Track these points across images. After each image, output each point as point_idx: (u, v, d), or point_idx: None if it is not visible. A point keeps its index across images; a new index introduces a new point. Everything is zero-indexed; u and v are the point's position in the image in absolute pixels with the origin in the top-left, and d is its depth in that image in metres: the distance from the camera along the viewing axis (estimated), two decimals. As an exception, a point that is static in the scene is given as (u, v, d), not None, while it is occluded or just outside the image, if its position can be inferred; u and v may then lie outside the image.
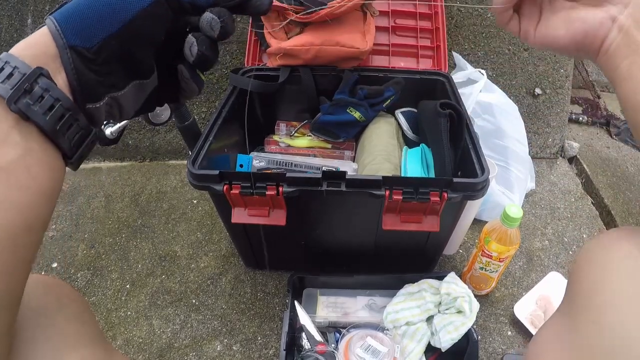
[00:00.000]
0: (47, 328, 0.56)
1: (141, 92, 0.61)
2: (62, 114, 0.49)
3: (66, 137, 0.50)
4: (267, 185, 1.02)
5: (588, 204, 1.75)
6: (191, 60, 0.61)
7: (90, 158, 1.96)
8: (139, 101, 0.62)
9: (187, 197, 1.73)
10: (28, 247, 0.47)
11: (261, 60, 1.53)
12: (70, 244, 1.57)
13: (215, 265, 1.48)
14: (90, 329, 0.63)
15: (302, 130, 1.51)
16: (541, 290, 1.37)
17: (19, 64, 0.47)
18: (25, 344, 0.53)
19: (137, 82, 0.58)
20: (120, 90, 0.56)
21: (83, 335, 0.60)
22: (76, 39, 0.50)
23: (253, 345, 1.27)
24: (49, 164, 0.49)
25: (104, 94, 0.54)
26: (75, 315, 0.61)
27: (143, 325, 1.32)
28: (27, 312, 0.55)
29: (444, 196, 1.01)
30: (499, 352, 1.26)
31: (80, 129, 0.52)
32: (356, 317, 1.25)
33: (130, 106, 0.61)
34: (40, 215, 0.48)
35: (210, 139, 1.16)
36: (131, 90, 0.58)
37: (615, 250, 0.59)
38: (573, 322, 0.61)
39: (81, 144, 0.53)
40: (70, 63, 0.50)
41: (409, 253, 1.27)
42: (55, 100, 0.48)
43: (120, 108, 0.59)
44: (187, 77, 0.64)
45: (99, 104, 0.54)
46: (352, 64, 1.42)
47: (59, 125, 0.49)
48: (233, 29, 0.62)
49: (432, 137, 1.27)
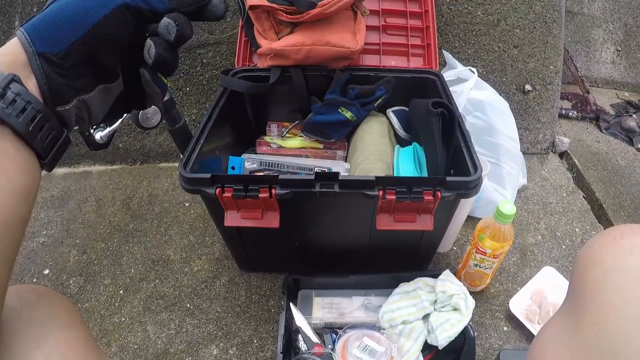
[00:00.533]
0: (38, 338, 0.56)
1: (108, 96, 0.64)
2: (34, 115, 0.51)
3: (39, 138, 0.52)
4: (260, 187, 1.02)
5: (580, 198, 1.76)
6: (150, 62, 0.64)
7: (80, 162, 1.95)
8: (106, 105, 0.65)
9: (179, 199, 1.73)
10: (8, 245, 0.48)
11: (252, 61, 1.52)
12: (62, 250, 1.56)
13: (209, 268, 1.47)
14: (82, 338, 0.62)
15: (293, 131, 1.50)
16: (536, 285, 1.37)
17: None
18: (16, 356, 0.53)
19: (103, 85, 0.61)
20: (88, 93, 0.59)
21: (75, 345, 0.60)
22: (44, 46, 0.53)
23: (249, 349, 1.26)
24: (24, 165, 0.51)
25: (73, 96, 0.57)
26: (67, 324, 0.61)
27: (138, 331, 1.31)
28: (18, 323, 0.55)
29: (438, 195, 1.01)
30: (496, 347, 1.26)
31: (52, 129, 0.54)
32: (352, 317, 1.25)
33: (99, 109, 0.64)
34: (18, 214, 0.49)
35: (202, 142, 1.15)
36: (98, 93, 0.61)
37: (616, 249, 0.59)
38: (575, 323, 0.61)
39: (54, 145, 0.55)
40: (39, 69, 0.53)
41: (404, 252, 1.27)
42: (27, 103, 0.50)
43: (88, 111, 0.61)
44: (147, 80, 0.67)
45: (68, 106, 0.57)
46: (343, 64, 1.42)
47: (31, 126, 0.51)
48: (190, 33, 0.66)
49: (424, 136, 1.27)
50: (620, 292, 0.55)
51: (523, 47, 1.88)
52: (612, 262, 0.58)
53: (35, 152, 0.53)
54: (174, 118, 1.18)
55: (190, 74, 1.83)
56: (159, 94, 0.70)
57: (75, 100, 0.58)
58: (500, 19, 1.86)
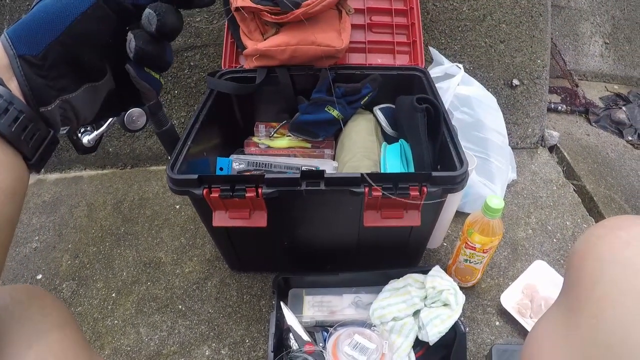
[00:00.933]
0: (30, 338, 0.56)
1: (95, 95, 0.63)
2: (17, 116, 0.51)
3: (23, 138, 0.52)
4: (247, 187, 1.02)
5: (570, 192, 1.76)
6: (131, 56, 0.63)
7: (71, 167, 1.95)
8: (94, 104, 0.65)
9: (170, 202, 1.73)
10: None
11: (238, 63, 1.52)
12: (54, 254, 1.56)
13: (200, 269, 1.47)
14: (74, 338, 0.62)
15: (281, 131, 1.51)
16: (527, 279, 1.38)
17: None
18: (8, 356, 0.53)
19: (89, 85, 0.61)
20: (71, 93, 0.59)
21: (67, 345, 0.60)
22: (24, 48, 0.54)
23: (241, 348, 1.27)
24: (10, 165, 0.51)
25: (55, 97, 0.57)
26: (59, 325, 0.61)
27: (130, 334, 1.31)
28: (10, 322, 0.55)
29: (424, 190, 1.01)
30: (488, 342, 1.27)
31: (36, 130, 0.54)
32: (343, 315, 1.25)
33: (87, 109, 0.63)
34: (4, 214, 0.49)
35: (189, 143, 1.16)
36: (84, 93, 0.61)
37: (613, 241, 0.58)
38: (571, 317, 0.61)
39: (40, 145, 0.55)
40: (20, 70, 0.53)
41: (393, 249, 1.27)
42: (9, 104, 0.51)
43: (74, 111, 0.61)
44: (133, 76, 0.66)
45: (50, 107, 0.56)
46: (328, 63, 1.42)
47: (14, 127, 0.51)
48: (174, 23, 0.64)
49: (410, 132, 1.27)
50: (617, 285, 0.54)
51: (510, 42, 1.89)
52: (609, 254, 0.57)
53: (20, 153, 0.53)
54: (160, 121, 1.18)
55: (178, 77, 1.83)
56: (149, 90, 0.69)
57: (58, 100, 0.58)
58: (486, 14, 1.86)
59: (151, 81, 0.69)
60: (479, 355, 1.24)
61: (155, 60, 0.66)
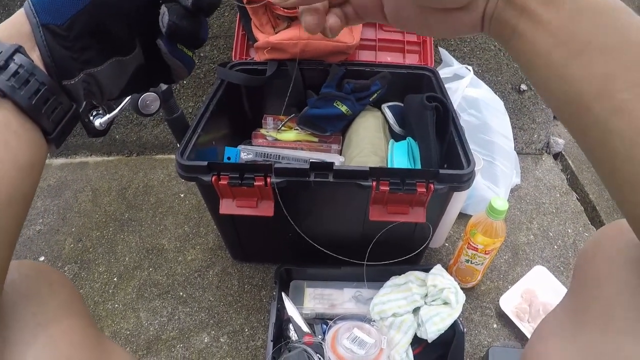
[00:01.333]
0: (38, 314, 0.55)
1: (122, 70, 0.61)
2: (38, 88, 0.49)
3: (43, 112, 0.51)
4: (255, 176, 1.03)
5: (573, 200, 1.76)
6: (163, 31, 0.60)
7: (77, 152, 1.96)
8: (121, 80, 0.62)
9: (174, 190, 1.74)
10: (10, 220, 0.47)
11: (249, 55, 1.53)
12: (58, 237, 1.57)
13: (202, 258, 1.48)
14: (81, 315, 0.62)
15: (289, 124, 1.51)
16: (526, 284, 1.38)
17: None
18: (16, 331, 0.52)
19: (116, 59, 0.58)
20: (96, 67, 0.56)
21: (74, 322, 0.59)
22: (48, 17, 0.51)
23: (240, 337, 1.27)
24: (28, 139, 0.50)
25: (79, 70, 0.54)
26: (66, 302, 0.61)
27: (130, 318, 1.32)
28: (18, 299, 0.55)
29: (431, 187, 1.02)
30: (485, 344, 1.27)
31: (58, 103, 0.52)
32: (343, 308, 1.26)
33: (112, 84, 0.60)
34: (20, 189, 0.48)
35: (199, 131, 1.16)
36: (110, 67, 0.58)
37: (622, 241, 0.58)
38: (579, 316, 0.61)
39: (61, 119, 0.53)
40: (42, 40, 0.50)
41: (396, 245, 1.27)
42: (31, 75, 0.49)
43: (99, 85, 0.58)
44: (164, 52, 0.62)
45: (73, 80, 0.54)
46: (339, 59, 1.43)
47: (34, 99, 0.49)
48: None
49: (419, 129, 1.28)
50: (628, 285, 0.54)
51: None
52: (618, 255, 0.57)
53: (39, 126, 0.51)
54: (171, 108, 1.19)
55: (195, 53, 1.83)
56: (181, 67, 0.65)
57: (82, 74, 0.55)
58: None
59: (184, 58, 0.65)
60: (476, 356, 1.25)
61: (189, 36, 0.63)
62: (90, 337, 0.61)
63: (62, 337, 0.56)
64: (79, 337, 0.58)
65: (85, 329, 0.61)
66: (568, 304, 0.67)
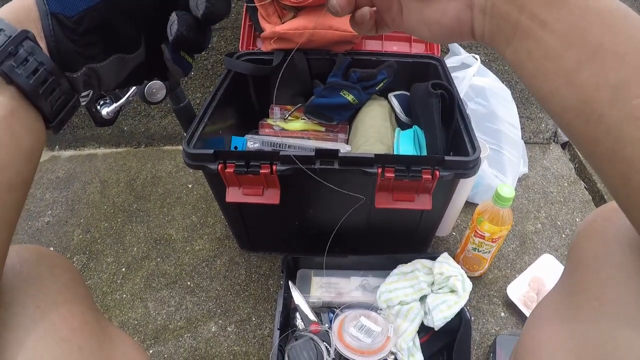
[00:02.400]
0: (38, 297, 0.55)
1: (123, 67, 0.60)
2: (46, 78, 0.49)
3: (48, 101, 0.51)
4: (261, 164, 1.03)
5: (581, 189, 1.76)
6: (170, 39, 0.60)
7: (85, 144, 1.97)
8: (119, 75, 0.62)
9: (182, 181, 1.74)
10: (10, 206, 0.48)
11: (255, 46, 1.53)
12: (66, 229, 1.58)
13: (210, 247, 1.49)
14: (82, 300, 0.62)
15: (296, 114, 1.51)
16: (534, 273, 1.38)
17: (5, 26, 0.47)
18: (15, 315, 0.52)
19: (119, 55, 0.58)
20: (99, 62, 0.56)
21: (75, 306, 0.59)
22: (58, 7, 0.50)
23: (248, 326, 1.28)
24: (31, 126, 0.50)
25: (82, 64, 0.54)
26: (67, 285, 0.60)
27: (138, 308, 1.33)
28: (18, 282, 0.55)
29: (436, 174, 1.02)
30: (492, 332, 1.27)
31: (62, 93, 0.52)
32: (350, 297, 1.26)
33: (111, 79, 0.60)
34: (21, 175, 0.49)
35: (205, 120, 1.17)
36: (111, 63, 0.58)
37: (617, 223, 0.58)
38: (573, 298, 0.60)
39: (62, 108, 0.54)
40: (50, 30, 0.50)
41: (403, 233, 1.27)
42: (40, 64, 0.48)
43: (99, 79, 0.58)
44: (167, 58, 0.63)
45: (76, 74, 0.54)
46: (345, 48, 1.43)
47: (41, 89, 0.49)
48: (223, 11, 0.60)
49: (424, 117, 1.27)
50: (622, 268, 0.54)
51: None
52: (614, 237, 0.57)
53: (42, 114, 0.51)
54: (178, 97, 1.19)
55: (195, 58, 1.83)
56: (179, 72, 0.66)
57: (84, 68, 0.55)
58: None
59: (183, 65, 0.65)
60: (483, 345, 1.25)
61: (194, 46, 0.63)
62: (91, 322, 0.60)
63: (63, 322, 0.55)
64: (80, 322, 0.58)
65: (86, 313, 0.60)
66: (563, 286, 0.66)
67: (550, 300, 0.69)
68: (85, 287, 0.66)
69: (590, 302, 0.56)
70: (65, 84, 0.53)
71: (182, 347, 1.24)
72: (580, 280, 0.60)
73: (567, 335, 0.58)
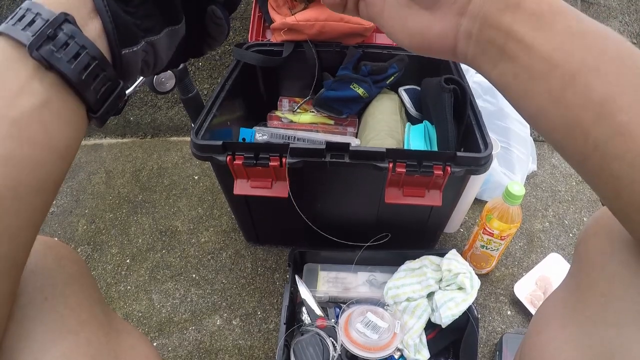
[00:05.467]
0: (45, 289, 0.54)
1: (173, 40, 0.59)
2: (88, 62, 0.45)
3: (92, 88, 0.47)
4: (271, 156, 1.02)
5: (589, 188, 1.73)
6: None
7: (91, 135, 1.96)
8: (171, 50, 0.61)
9: (188, 173, 1.73)
10: (36, 209, 0.45)
11: (265, 37, 1.52)
12: (71, 219, 1.57)
13: (215, 240, 1.48)
14: (90, 292, 0.60)
15: (305, 107, 1.50)
16: (541, 271, 1.37)
17: (42, 10, 0.44)
18: (22, 307, 0.51)
19: (170, 28, 0.57)
20: (156, 35, 0.55)
21: (83, 298, 0.58)
22: None
23: (253, 320, 1.27)
24: (68, 119, 0.46)
25: (141, 37, 0.52)
26: (75, 277, 0.59)
27: (143, 300, 1.33)
28: (24, 273, 0.52)
29: (447, 170, 1.01)
30: (499, 331, 1.26)
31: (107, 80, 0.49)
32: (357, 292, 1.25)
33: (165, 55, 0.59)
34: (53, 176, 0.45)
35: (214, 111, 1.15)
36: (166, 36, 0.56)
37: None
38: (580, 295, 0.59)
39: (108, 97, 0.50)
40: (105, 6, 0.47)
41: (411, 229, 1.26)
42: (81, 48, 0.45)
43: (156, 55, 0.57)
44: (219, 17, 0.62)
45: (136, 47, 0.52)
46: (356, 41, 1.42)
47: (84, 75, 0.45)
48: None
49: (436, 112, 1.26)
50: (629, 264, 0.53)
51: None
52: (620, 234, 0.56)
53: (85, 104, 0.47)
54: (187, 87, 1.19)
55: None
56: (225, 33, 0.65)
57: (143, 42, 0.53)
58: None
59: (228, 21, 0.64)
60: (489, 343, 1.24)
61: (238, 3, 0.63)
62: (99, 314, 0.59)
63: (71, 314, 0.54)
64: (88, 314, 0.57)
65: (94, 305, 0.59)
66: (569, 282, 0.66)
67: (557, 297, 0.68)
68: (92, 279, 0.64)
69: (596, 298, 0.56)
70: (111, 70, 0.49)
71: (186, 340, 1.23)
72: (586, 277, 0.60)
73: (573, 332, 0.58)
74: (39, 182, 0.43)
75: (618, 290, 0.53)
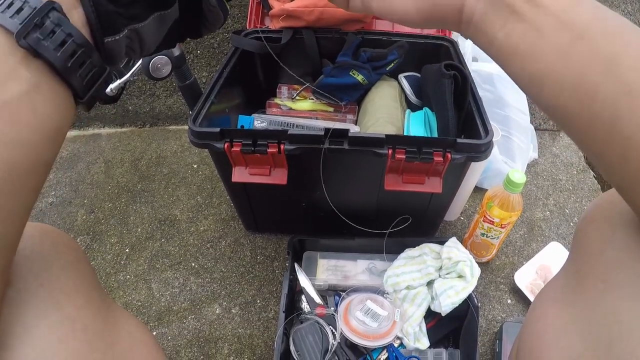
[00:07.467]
0: (41, 275, 0.54)
1: (163, 25, 0.59)
2: (74, 50, 0.46)
3: (78, 75, 0.47)
4: (269, 142, 1.01)
5: (590, 177, 1.74)
6: None
7: (90, 124, 1.95)
8: (160, 34, 0.60)
9: (188, 161, 1.73)
10: (28, 189, 0.45)
11: (263, 24, 1.51)
12: (70, 209, 1.57)
13: (215, 228, 1.48)
14: (86, 278, 0.60)
15: (304, 94, 1.49)
16: (542, 260, 1.36)
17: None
18: (18, 292, 0.51)
19: (158, 13, 0.56)
20: (141, 22, 0.54)
21: (79, 284, 0.58)
22: None
23: (252, 308, 1.27)
24: (56, 103, 0.46)
25: (124, 25, 0.52)
26: (71, 263, 0.59)
27: (142, 289, 1.32)
28: (20, 259, 0.53)
29: (447, 157, 1.00)
30: (499, 319, 1.26)
31: (93, 66, 0.49)
32: (356, 280, 1.25)
33: (152, 40, 0.58)
34: (43, 157, 0.46)
35: (212, 98, 1.14)
36: (152, 22, 0.56)
37: (622, 206, 0.55)
38: (578, 281, 0.59)
39: (94, 83, 0.50)
40: None
41: (411, 216, 1.26)
42: (67, 36, 0.45)
43: (141, 42, 0.56)
44: (213, 4, 0.62)
45: (118, 36, 0.51)
46: (355, 27, 1.41)
47: (70, 62, 0.46)
48: None
49: (436, 99, 1.25)
50: (628, 250, 0.53)
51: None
52: (620, 219, 0.56)
53: (72, 90, 0.48)
54: (184, 74, 1.17)
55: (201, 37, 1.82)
56: (221, 18, 0.65)
57: (127, 29, 0.52)
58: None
59: (224, 9, 0.64)
60: (489, 331, 1.24)
61: None
62: (96, 300, 0.59)
63: (67, 300, 0.54)
64: (84, 300, 0.57)
65: (91, 291, 0.59)
66: (568, 268, 0.66)
67: (556, 283, 0.68)
68: (89, 265, 0.64)
69: (595, 283, 0.55)
70: (97, 57, 0.49)
71: (186, 328, 1.23)
72: (585, 263, 0.60)
73: (572, 317, 0.58)
74: (30, 163, 0.44)
75: (617, 276, 0.53)
